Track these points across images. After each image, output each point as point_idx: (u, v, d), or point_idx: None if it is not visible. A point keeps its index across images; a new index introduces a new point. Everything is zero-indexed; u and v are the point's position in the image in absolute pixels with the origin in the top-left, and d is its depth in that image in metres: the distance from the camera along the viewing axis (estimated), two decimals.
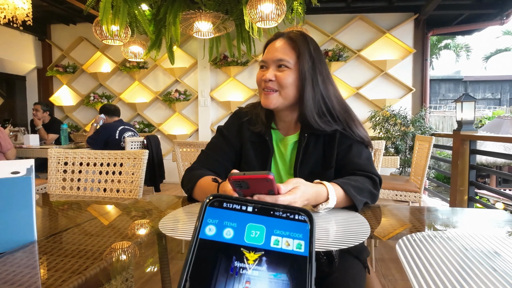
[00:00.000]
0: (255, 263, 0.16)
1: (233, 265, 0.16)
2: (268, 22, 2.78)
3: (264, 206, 0.18)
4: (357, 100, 4.55)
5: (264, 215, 0.18)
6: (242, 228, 0.17)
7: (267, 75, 0.88)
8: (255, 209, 0.18)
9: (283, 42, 0.90)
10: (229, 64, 4.66)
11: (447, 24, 4.73)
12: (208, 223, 0.17)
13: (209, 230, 0.17)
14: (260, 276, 0.16)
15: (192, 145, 2.13)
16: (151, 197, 1.03)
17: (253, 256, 0.17)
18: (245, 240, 0.17)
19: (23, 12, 3.15)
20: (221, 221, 0.17)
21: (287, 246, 0.17)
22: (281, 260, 0.17)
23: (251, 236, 0.17)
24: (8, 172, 0.55)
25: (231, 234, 0.17)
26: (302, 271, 0.17)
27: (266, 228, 0.17)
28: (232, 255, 0.16)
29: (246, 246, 0.17)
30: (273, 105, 0.90)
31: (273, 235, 0.17)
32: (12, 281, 0.44)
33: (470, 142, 3.04)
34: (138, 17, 3.17)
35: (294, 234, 0.18)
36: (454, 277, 0.44)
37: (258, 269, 0.16)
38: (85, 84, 5.26)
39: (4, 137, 2.56)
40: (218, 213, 0.17)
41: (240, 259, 0.16)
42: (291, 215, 0.18)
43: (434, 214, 0.82)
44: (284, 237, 0.17)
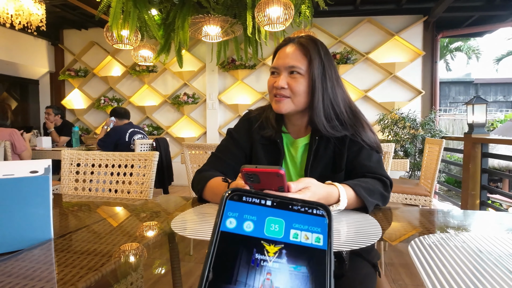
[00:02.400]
0: (275, 256, 0.17)
1: (254, 257, 0.17)
2: (276, 25, 2.79)
3: (283, 200, 0.18)
4: (365, 103, 4.52)
5: (283, 209, 0.18)
6: (262, 221, 0.18)
7: (280, 83, 0.88)
8: (274, 203, 0.18)
9: (294, 48, 0.89)
10: (237, 67, 4.69)
11: (457, 26, 4.68)
12: (228, 216, 0.18)
13: (229, 223, 0.17)
14: (280, 268, 0.16)
15: (200, 147, 2.15)
16: (161, 198, 1.04)
17: (273, 249, 0.17)
18: (265, 233, 0.17)
19: (37, 18, 3.24)
20: (241, 214, 0.18)
21: (306, 239, 0.18)
22: (301, 253, 0.17)
23: (271, 229, 0.18)
24: (27, 172, 0.56)
25: (251, 227, 0.17)
26: (321, 264, 0.17)
27: (285, 222, 0.18)
28: (252, 248, 0.17)
29: (266, 239, 0.17)
30: (285, 111, 0.90)
31: (292, 229, 0.18)
32: (31, 276, 0.46)
33: (482, 145, 2.99)
34: (148, 22, 3.22)
35: (312, 228, 0.18)
36: (469, 279, 0.43)
37: (278, 262, 0.17)
38: (96, 87, 5.36)
39: (19, 138, 2.61)
40: (238, 207, 0.18)
41: (261, 252, 0.17)
42: (309, 210, 0.19)
43: (446, 216, 0.81)
44: (303, 230, 0.18)
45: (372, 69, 4.52)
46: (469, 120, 3.12)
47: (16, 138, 2.57)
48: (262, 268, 0.16)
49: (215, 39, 3.36)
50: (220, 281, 0.16)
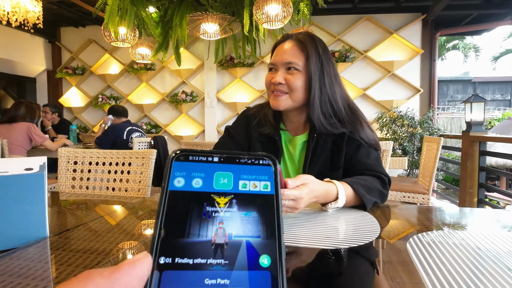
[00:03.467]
0: (226, 206, 0.17)
1: (205, 210, 0.17)
2: (274, 23, 2.78)
3: (230, 155, 0.19)
4: (363, 101, 4.52)
5: (230, 163, 0.18)
6: (210, 176, 0.18)
7: (277, 78, 0.88)
8: (221, 159, 0.18)
9: (291, 44, 0.89)
10: (235, 65, 4.67)
11: (455, 24, 4.68)
12: (175, 176, 0.18)
13: (177, 182, 0.17)
14: (232, 217, 0.17)
15: (198, 145, 2.15)
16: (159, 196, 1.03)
17: (223, 200, 0.17)
18: (214, 187, 0.18)
19: (34, 15, 3.21)
20: (188, 173, 0.18)
21: (255, 188, 0.18)
22: (250, 200, 0.18)
23: (220, 182, 0.18)
24: (22, 169, 0.56)
25: (200, 183, 0.18)
26: (270, 208, 0.18)
27: (234, 175, 0.18)
28: (203, 202, 0.17)
29: (216, 192, 0.18)
30: (282, 107, 0.90)
31: (241, 180, 0.18)
32: (26, 275, 0.45)
33: (480, 144, 2.99)
34: (145, 20, 3.20)
35: (260, 176, 0.19)
36: (468, 276, 0.43)
37: (229, 211, 0.17)
38: (94, 85, 5.33)
39: (36, 131, 2.72)
40: (185, 166, 0.18)
41: (211, 204, 0.17)
42: (255, 161, 0.19)
43: (444, 214, 0.81)
44: (251, 180, 0.18)
45: (371, 67, 4.52)
46: (467, 118, 3.13)
47: (33, 131, 2.69)
48: (214, 219, 0.17)
49: (213, 37, 3.35)
50: (172, 236, 0.16)
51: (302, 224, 0.66)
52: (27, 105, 2.79)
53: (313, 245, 0.55)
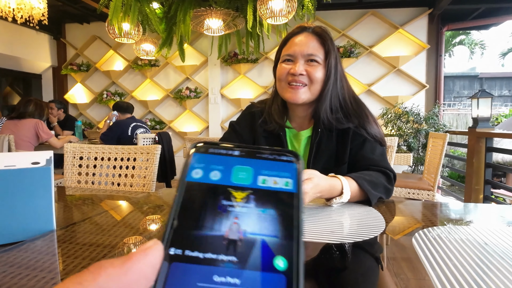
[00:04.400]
0: (243, 201, 0.17)
1: (220, 203, 0.16)
2: (278, 18, 2.76)
3: (251, 149, 0.18)
4: (368, 97, 4.49)
5: (251, 158, 0.18)
6: (229, 170, 0.17)
7: (298, 69, 0.86)
8: (242, 153, 0.18)
9: (311, 36, 0.89)
10: (239, 61, 4.66)
11: (462, 19, 4.60)
12: (194, 167, 0.17)
13: (195, 174, 0.17)
14: (248, 212, 0.16)
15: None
16: (164, 191, 1.04)
17: (240, 195, 0.17)
18: (232, 181, 0.17)
19: (39, 11, 3.23)
20: (207, 165, 0.17)
21: (275, 184, 0.17)
22: (269, 197, 0.17)
23: (239, 176, 0.17)
24: (29, 163, 0.56)
25: (218, 176, 0.17)
26: (290, 206, 0.17)
27: (253, 169, 0.18)
28: (219, 195, 0.17)
29: (234, 186, 0.17)
30: (302, 100, 0.88)
31: (260, 175, 0.17)
32: (34, 266, 0.46)
33: (486, 140, 2.96)
34: (149, 15, 3.20)
35: (281, 173, 0.18)
36: (474, 271, 0.43)
37: (246, 206, 0.16)
38: (98, 82, 5.35)
39: (43, 127, 2.76)
40: (205, 158, 0.17)
41: (228, 198, 0.16)
42: (278, 156, 0.18)
43: (450, 209, 0.80)
44: (271, 176, 0.17)
45: (376, 63, 4.47)
46: (473, 114, 3.09)
47: (40, 127, 2.74)
48: (229, 213, 0.16)
49: (217, 33, 3.34)
50: (185, 227, 0.16)
51: (306, 219, 0.66)
52: (36, 102, 2.83)
53: (318, 240, 0.55)
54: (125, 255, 0.15)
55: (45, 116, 2.90)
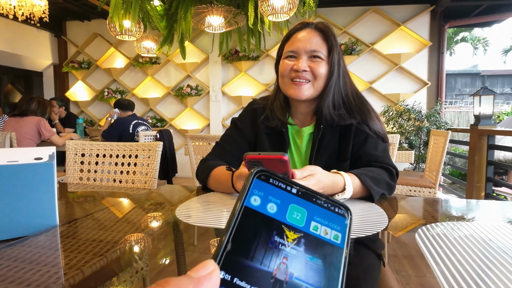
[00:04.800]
0: (293, 242, 0.17)
1: (273, 238, 0.16)
2: (280, 15, 2.75)
3: (308, 191, 0.18)
4: (370, 94, 4.47)
5: (306, 200, 0.18)
6: (285, 206, 0.17)
7: (301, 65, 0.86)
8: (299, 192, 0.18)
9: (313, 32, 0.88)
10: (240, 59, 4.65)
11: (465, 16, 4.57)
12: (254, 193, 0.17)
13: (254, 200, 0.17)
14: (297, 256, 0.16)
15: (204, 138, 2.15)
16: (165, 187, 1.04)
17: (292, 235, 0.17)
18: (287, 219, 0.17)
19: (40, 9, 3.22)
20: (266, 195, 0.17)
21: (325, 234, 0.18)
22: (319, 246, 0.17)
23: (293, 216, 0.17)
24: (32, 158, 0.56)
25: (274, 209, 0.17)
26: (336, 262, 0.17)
27: (308, 213, 0.18)
28: (273, 230, 0.17)
29: (287, 224, 0.17)
30: (305, 96, 0.88)
31: (313, 221, 0.18)
32: (37, 261, 0.46)
33: (488, 137, 2.95)
34: (150, 13, 3.19)
35: (332, 225, 0.18)
36: (479, 266, 0.42)
37: (296, 249, 0.17)
38: (100, 79, 5.35)
39: (45, 125, 2.78)
40: (264, 187, 0.18)
41: (281, 235, 0.17)
42: (331, 207, 0.19)
43: (452, 206, 0.80)
44: (323, 225, 0.18)
45: (377, 60, 4.46)
46: (475, 111, 3.08)
47: (42, 125, 2.76)
48: (279, 251, 0.16)
49: (218, 30, 3.33)
50: (237, 254, 0.16)
51: None
52: (39, 100, 2.85)
53: None
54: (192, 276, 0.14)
55: (47, 114, 2.92)
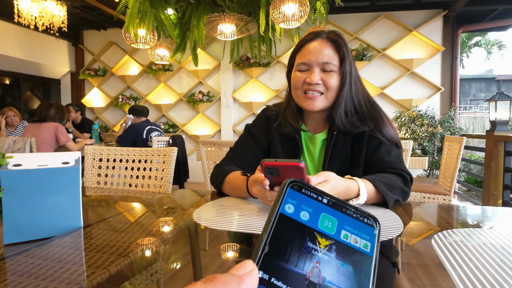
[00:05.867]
0: (325, 249, 0.18)
1: (306, 244, 0.18)
2: (291, 22, 2.78)
3: (338, 202, 0.20)
4: (381, 100, 4.44)
5: (336, 210, 0.19)
6: (317, 215, 0.19)
7: (314, 78, 0.87)
8: (329, 202, 0.19)
9: (325, 43, 0.89)
10: (251, 65, 4.70)
11: (479, 20, 4.50)
12: (287, 201, 0.18)
13: (288, 208, 0.18)
14: (329, 261, 0.18)
15: (216, 144, 2.18)
16: (180, 192, 1.06)
17: (324, 242, 0.18)
18: (318, 226, 0.18)
19: (59, 19, 3.36)
20: (298, 203, 0.19)
21: (355, 242, 0.19)
22: (349, 253, 0.18)
23: (324, 224, 0.19)
24: (60, 162, 0.59)
25: (307, 217, 0.18)
26: (366, 269, 0.18)
27: (338, 221, 0.19)
28: (306, 236, 0.18)
29: (319, 232, 0.18)
30: (318, 108, 0.90)
31: (343, 230, 0.19)
32: (66, 260, 0.48)
33: (505, 143, 2.88)
34: (164, 21, 3.28)
35: (362, 234, 0.19)
36: (499, 274, 0.42)
37: (328, 255, 0.18)
38: (114, 86, 5.50)
39: (63, 131, 2.88)
40: (297, 196, 0.19)
41: (313, 241, 0.18)
42: (360, 217, 0.20)
43: (468, 213, 0.79)
44: (353, 234, 0.19)
45: (389, 66, 4.43)
46: (491, 117, 3.02)
47: (60, 131, 2.86)
48: (312, 256, 0.17)
49: (230, 37, 3.38)
50: (274, 256, 0.17)
51: None
52: (58, 107, 2.95)
53: None
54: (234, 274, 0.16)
55: (65, 120, 3.01)
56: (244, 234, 0.61)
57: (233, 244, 0.60)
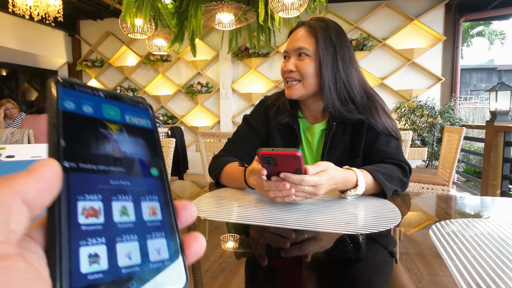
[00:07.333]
0: (118, 131, 0.20)
1: (99, 131, 0.19)
2: (290, 11, 2.74)
3: (114, 94, 0.22)
4: (381, 90, 4.41)
5: (115, 100, 0.21)
6: (99, 107, 0.20)
7: (288, 66, 0.88)
8: (106, 95, 0.21)
9: (303, 30, 0.89)
10: (250, 55, 4.65)
11: (481, 9, 4.43)
12: (65, 98, 0.19)
13: (68, 105, 0.19)
14: (124, 139, 0.21)
15: (215, 135, 2.17)
16: (178, 183, 1.06)
17: (115, 127, 0.20)
18: (104, 115, 0.20)
19: (54, 8, 3.30)
20: (77, 99, 0.19)
21: (138, 122, 0.22)
22: (137, 131, 0.22)
23: (109, 113, 0.21)
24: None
25: (90, 110, 0.20)
26: (152, 138, 0.22)
27: (120, 109, 0.21)
28: (97, 125, 0.20)
29: (107, 119, 0.20)
30: (296, 96, 0.89)
31: (126, 115, 0.22)
32: None
33: (505, 134, 2.87)
34: (161, 11, 3.22)
35: (141, 115, 0.23)
36: (495, 263, 0.42)
37: (121, 135, 0.20)
38: (112, 77, 5.45)
39: None
40: (73, 94, 0.19)
41: (105, 128, 0.20)
42: (136, 104, 0.23)
43: (466, 202, 0.79)
44: (134, 116, 0.22)
45: (390, 56, 4.38)
46: (491, 107, 3.00)
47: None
48: (109, 139, 0.20)
49: (228, 27, 3.33)
50: (74, 147, 0.18)
51: (322, 210, 0.66)
52: None
53: (334, 231, 0.56)
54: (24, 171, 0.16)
55: None
56: (242, 225, 0.61)
57: (233, 235, 0.60)
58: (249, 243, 0.56)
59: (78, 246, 0.16)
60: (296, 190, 0.63)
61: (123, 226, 0.18)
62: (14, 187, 0.15)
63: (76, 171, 0.18)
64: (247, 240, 0.57)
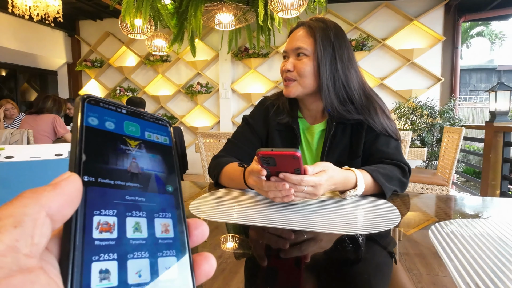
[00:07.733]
0: (136, 147, 0.21)
1: (119, 147, 0.20)
2: (289, 12, 2.74)
3: (135, 110, 0.22)
4: (381, 91, 4.41)
5: (136, 117, 0.22)
6: (120, 123, 0.21)
7: (287, 66, 0.89)
8: (128, 112, 0.22)
9: (302, 30, 0.89)
10: (250, 56, 4.65)
11: (481, 9, 4.43)
12: (89, 115, 0.20)
13: (92, 121, 0.19)
14: (142, 155, 0.21)
15: (214, 136, 2.17)
16: None
17: (134, 143, 0.21)
18: (125, 131, 0.21)
19: (54, 9, 3.30)
20: (101, 116, 0.20)
21: (157, 139, 0.23)
22: (155, 147, 0.22)
23: (129, 129, 0.21)
24: (52, 154, 0.58)
25: (112, 126, 0.20)
26: (170, 154, 0.23)
27: (140, 126, 0.22)
28: (117, 141, 0.20)
29: (127, 136, 0.21)
30: (293, 94, 0.90)
31: (146, 131, 0.22)
32: None
33: (504, 134, 2.88)
34: (161, 11, 3.22)
35: (160, 132, 0.23)
36: (494, 264, 0.42)
37: (139, 151, 0.21)
38: (112, 78, 5.45)
39: (60, 123, 2.89)
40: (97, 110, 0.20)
41: (124, 144, 0.21)
42: (156, 120, 0.24)
43: (466, 203, 0.79)
44: (154, 133, 0.23)
45: (389, 56, 4.38)
46: (491, 108, 3.01)
47: (58, 122, 2.88)
48: (128, 155, 0.20)
49: (228, 27, 3.33)
50: (94, 162, 0.18)
51: (321, 211, 0.66)
52: (54, 98, 2.95)
53: (333, 231, 0.56)
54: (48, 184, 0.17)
55: (62, 112, 3.00)
56: (242, 225, 0.61)
57: (232, 235, 0.60)
58: (249, 244, 0.55)
59: (90, 262, 0.16)
60: (295, 190, 0.63)
61: (135, 243, 0.19)
62: (40, 200, 0.15)
63: (94, 186, 0.18)
64: (247, 241, 0.57)
